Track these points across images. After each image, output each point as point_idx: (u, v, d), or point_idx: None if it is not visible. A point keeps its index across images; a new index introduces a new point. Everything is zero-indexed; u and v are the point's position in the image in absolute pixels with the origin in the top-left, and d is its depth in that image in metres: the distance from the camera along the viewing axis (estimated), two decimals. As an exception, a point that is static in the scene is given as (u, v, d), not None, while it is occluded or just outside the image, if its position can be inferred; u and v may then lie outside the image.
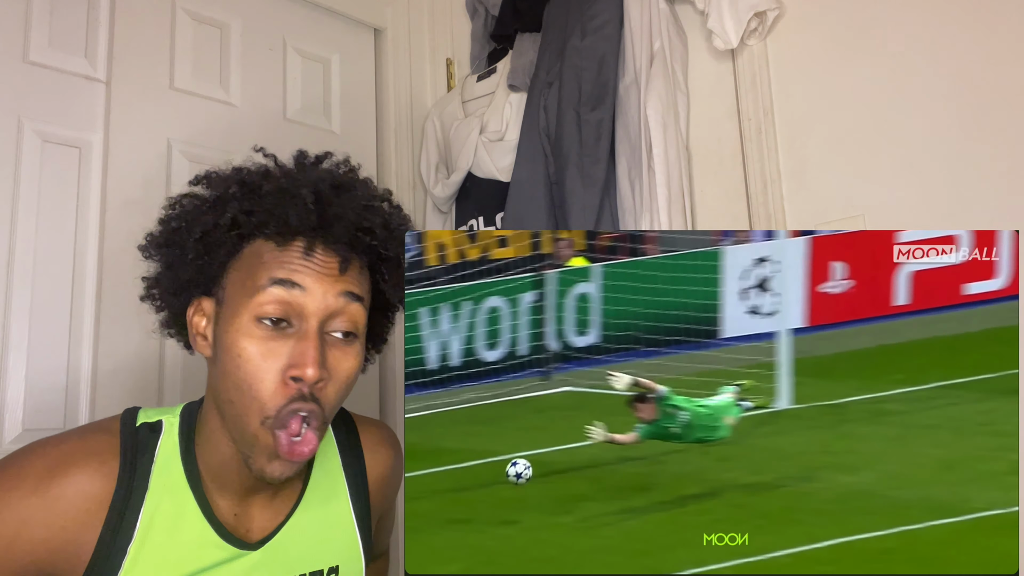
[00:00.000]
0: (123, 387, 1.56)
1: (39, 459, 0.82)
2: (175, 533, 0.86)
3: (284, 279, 0.82)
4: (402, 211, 0.96)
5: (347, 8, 2.12)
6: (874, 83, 1.42)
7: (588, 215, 1.66)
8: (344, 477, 1.03)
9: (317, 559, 0.96)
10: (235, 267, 0.87)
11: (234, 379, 0.82)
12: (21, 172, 1.50)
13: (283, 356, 0.82)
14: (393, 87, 2.20)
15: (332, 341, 0.85)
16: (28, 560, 0.80)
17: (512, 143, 1.89)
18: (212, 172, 0.92)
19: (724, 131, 1.64)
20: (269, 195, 0.86)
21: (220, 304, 0.87)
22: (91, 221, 1.58)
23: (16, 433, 1.44)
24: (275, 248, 0.85)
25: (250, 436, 0.83)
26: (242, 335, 0.82)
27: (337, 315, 0.85)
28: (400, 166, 2.18)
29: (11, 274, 1.47)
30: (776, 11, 1.53)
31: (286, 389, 0.81)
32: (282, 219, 0.85)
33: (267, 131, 1.88)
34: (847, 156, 1.45)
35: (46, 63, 1.56)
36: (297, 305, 0.83)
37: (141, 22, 1.70)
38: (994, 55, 1.28)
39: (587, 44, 1.73)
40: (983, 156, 1.28)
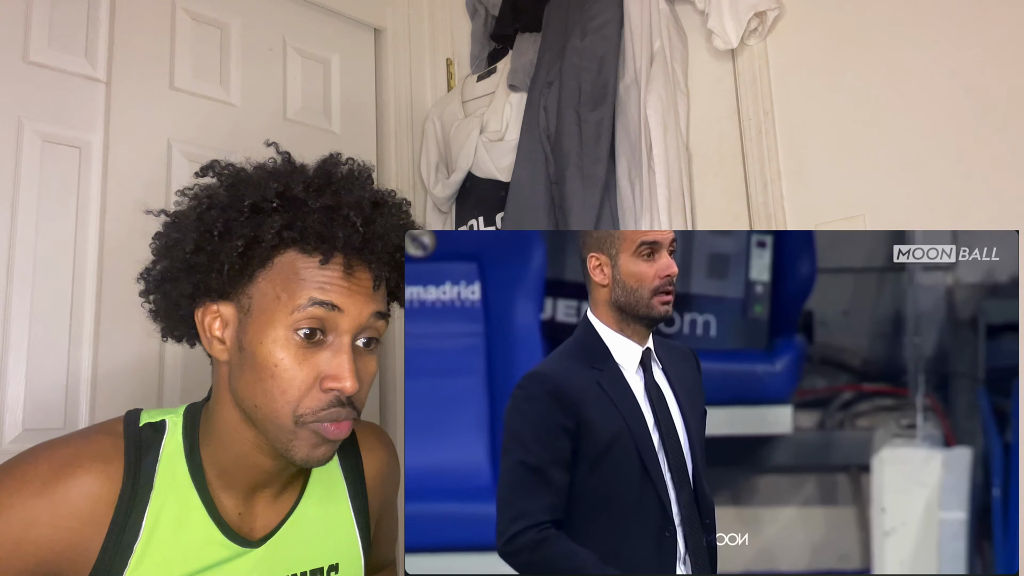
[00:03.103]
0: (123, 387, 1.56)
1: (44, 462, 0.83)
2: (180, 531, 0.86)
3: (325, 301, 0.84)
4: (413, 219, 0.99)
5: (347, 8, 2.12)
6: (874, 83, 1.42)
7: (588, 215, 1.66)
8: (343, 476, 1.05)
9: (317, 556, 0.98)
10: (264, 277, 0.86)
11: (266, 386, 0.84)
12: (21, 172, 1.50)
13: (316, 365, 0.84)
14: (393, 87, 2.20)
15: (358, 350, 0.88)
16: (33, 561, 0.80)
17: (512, 143, 1.89)
18: (227, 165, 0.92)
19: (724, 131, 1.64)
20: (315, 212, 0.86)
21: (245, 313, 0.87)
22: (91, 221, 1.58)
23: (16, 433, 1.44)
24: (315, 265, 0.85)
25: (287, 432, 0.85)
26: (278, 347, 0.84)
27: (366, 330, 0.88)
28: (400, 166, 2.18)
29: (11, 274, 1.47)
30: (776, 11, 1.53)
31: (323, 396, 0.85)
32: (329, 238, 0.85)
33: (267, 131, 1.86)
34: (847, 156, 1.45)
35: (46, 63, 1.56)
36: (332, 321, 0.85)
37: (141, 22, 1.70)
38: (994, 55, 1.28)
39: (587, 44, 1.73)
40: (983, 156, 1.28)
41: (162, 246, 0.92)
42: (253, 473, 0.91)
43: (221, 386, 0.91)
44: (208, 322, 0.90)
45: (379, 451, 1.11)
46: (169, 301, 0.92)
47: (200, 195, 0.90)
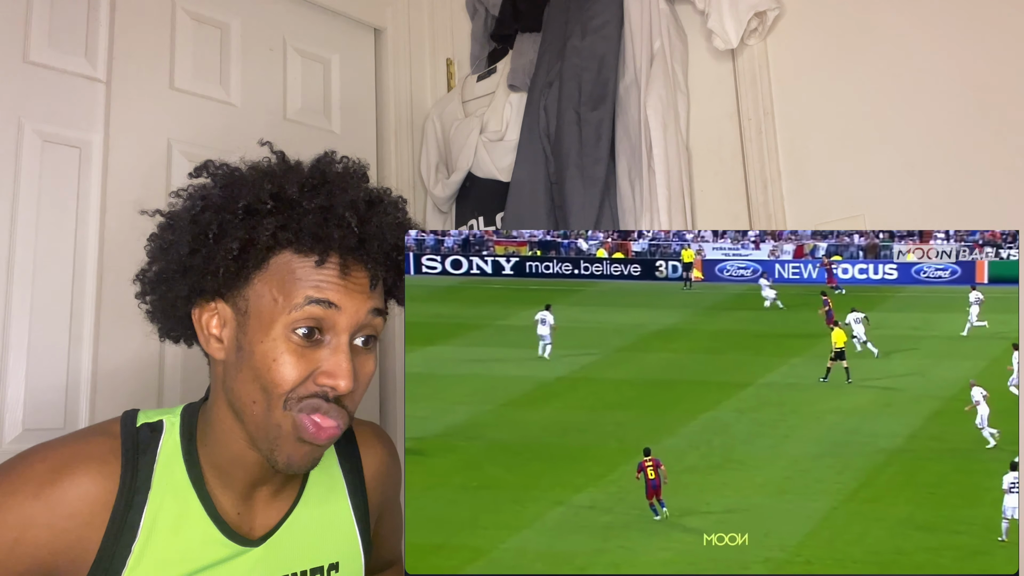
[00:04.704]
0: (123, 387, 1.56)
1: (40, 463, 0.83)
2: (179, 531, 0.86)
3: (321, 299, 0.84)
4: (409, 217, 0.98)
5: (347, 8, 2.12)
6: (874, 83, 1.41)
7: (588, 215, 1.66)
8: (342, 475, 1.04)
9: (317, 555, 0.97)
10: (261, 279, 0.86)
11: (263, 383, 0.84)
12: (21, 172, 1.50)
13: (313, 362, 0.85)
14: (393, 87, 2.20)
15: (356, 349, 0.88)
16: (31, 562, 0.80)
17: (512, 143, 1.89)
18: (221, 165, 0.91)
19: (724, 131, 1.63)
20: (310, 213, 0.85)
21: (242, 313, 0.87)
22: (91, 221, 1.58)
23: (16, 433, 1.44)
24: (310, 265, 0.85)
25: (273, 427, 0.84)
26: (277, 346, 0.84)
27: (364, 328, 0.88)
28: (400, 166, 2.18)
29: (11, 274, 1.47)
30: (776, 11, 1.53)
31: (313, 387, 0.84)
32: (325, 239, 0.85)
33: (267, 131, 1.86)
34: (847, 156, 1.44)
35: (46, 63, 1.56)
36: (330, 320, 0.85)
37: (141, 22, 1.70)
38: (994, 55, 1.28)
39: (587, 44, 1.73)
40: (983, 156, 1.28)
41: (157, 248, 0.91)
42: (250, 471, 0.90)
43: (217, 385, 0.90)
44: (206, 320, 0.89)
45: (378, 449, 1.10)
46: (166, 302, 0.91)
47: (194, 196, 0.90)
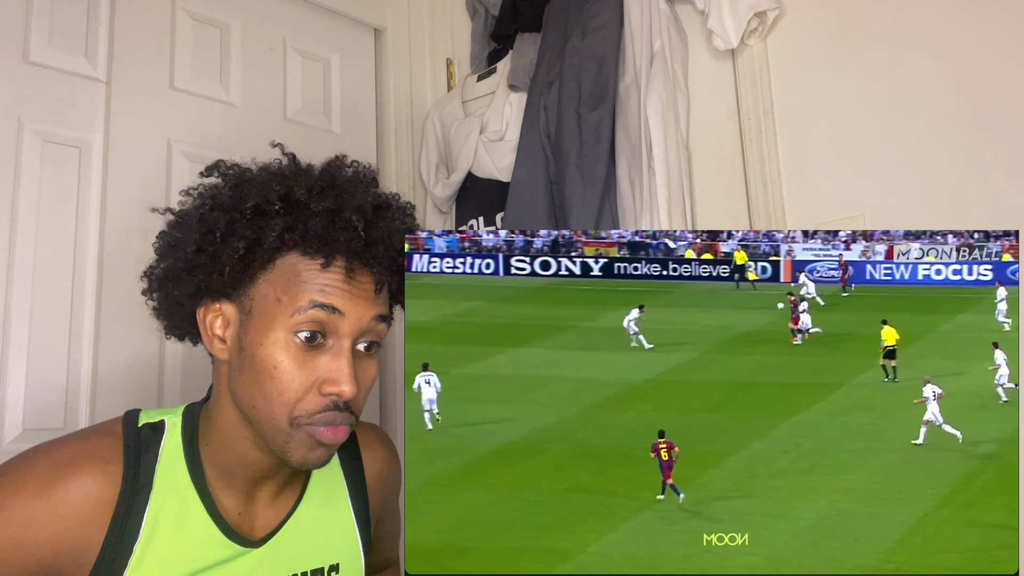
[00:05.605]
0: (123, 387, 1.56)
1: (42, 463, 0.83)
2: (180, 531, 0.86)
3: (326, 304, 0.84)
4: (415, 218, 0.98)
5: (347, 8, 2.12)
6: (874, 83, 1.42)
7: (588, 215, 1.66)
8: (343, 477, 1.04)
9: (318, 557, 0.97)
10: (266, 279, 0.86)
11: (264, 388, 0.84)
12: (21, 172, 1.50)
13: (316, 369, 0.84)
14: (393, 87, 2.20)
15: (358, 354, 0.88)
16: (33, 562, 0.80)
17: (512, 143, 1.89)
18: (232, 165, 0.91)
19: (724, 131, 1.64)
20: (317, 215, 0.85)
21: (246, 313, 0.87)
22: (91, 221, 1.58)
23: (16, 433, 1.44)
24: (316, 268, 0.85)
25: (283, 434, 0.85)
26: (279, 349, 0.84)
27: (366, 333, 0.88)
28: (400, 166, 2.18)
29: (11, 274, 1.47)
30: (776, 11, 1.53)
31: (320, 399, 0.84)
32: (331, 242, 0.85)
33: (267, 131, 1.87)
34: (847, 156, 1.45)
35: (46, 63, 1.56)
36: (333, 325, 0.85)
37: (141, 22, 1.70)
38: (994, 55, 1.28)
39: (587, 44, 1.73)
40: (983, 156, 1.28)
41: (165, 245, 0.91)
42: (253, 471, 0.91)
43: (221, 385, 0.90)
44: (210, 320, 0.90)
45: (379, 452, 1.10)
46: (171, 300, 0.91)
47: (204, 195, 0.90)
